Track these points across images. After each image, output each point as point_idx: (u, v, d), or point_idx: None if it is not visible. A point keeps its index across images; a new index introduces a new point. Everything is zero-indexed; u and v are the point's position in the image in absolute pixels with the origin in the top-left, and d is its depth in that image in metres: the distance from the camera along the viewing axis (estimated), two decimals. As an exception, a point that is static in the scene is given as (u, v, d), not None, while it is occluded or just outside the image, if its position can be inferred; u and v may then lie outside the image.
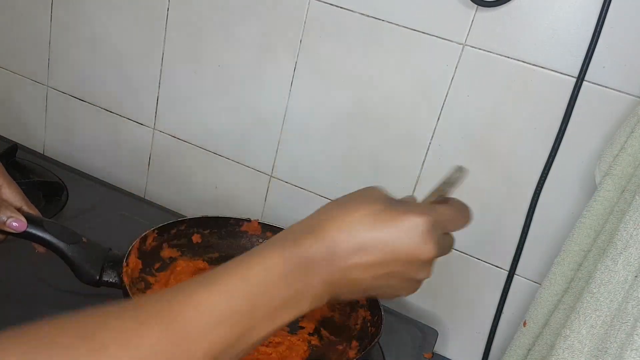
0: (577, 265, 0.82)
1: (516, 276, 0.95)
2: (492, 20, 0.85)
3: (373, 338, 0.83)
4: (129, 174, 1.22)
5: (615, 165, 0.77)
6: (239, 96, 1.06)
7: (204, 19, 1.04)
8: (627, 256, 0.70)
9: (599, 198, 0.78)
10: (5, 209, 0.66)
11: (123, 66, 1.15)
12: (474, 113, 0.91)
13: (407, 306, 1.04)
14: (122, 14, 1.11)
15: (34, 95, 1.26)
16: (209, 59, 1.06)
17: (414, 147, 0.96)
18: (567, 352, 0.74)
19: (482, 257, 0.97)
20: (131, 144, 1.20)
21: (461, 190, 0.95)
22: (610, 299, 0.71)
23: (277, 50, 1.00)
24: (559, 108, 0.85)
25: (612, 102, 0.82)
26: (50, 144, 1.29)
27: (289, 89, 1.02)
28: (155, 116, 1.15)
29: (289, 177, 1.08)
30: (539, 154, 0.88)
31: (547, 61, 0.84)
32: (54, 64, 1.21)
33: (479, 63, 0.88)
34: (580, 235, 0.81)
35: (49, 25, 1.18)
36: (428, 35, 0.90)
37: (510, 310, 0.97)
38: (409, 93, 0.94)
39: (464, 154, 0.93)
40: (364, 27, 0.93)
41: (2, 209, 0.66)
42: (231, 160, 1.11)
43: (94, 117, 1.21)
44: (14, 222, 0.66)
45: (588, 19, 0.80)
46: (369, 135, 0.98)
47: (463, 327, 1.02)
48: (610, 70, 0.81)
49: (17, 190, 0.72)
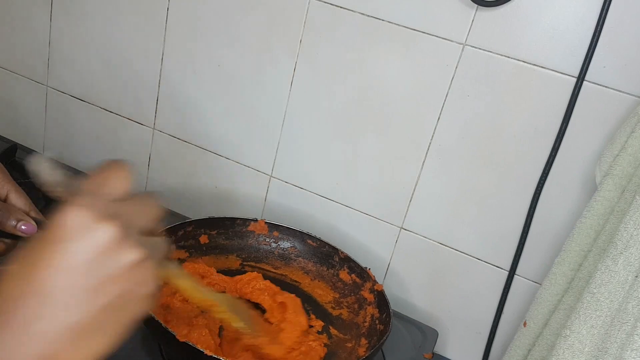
0: (577, 265, 0.82)
1: (516, 276, 0.95)
2: (492, 20, 0.85)
3: (382, 335, 0.84)
4: (129, 174, 1.22)
5: (615, 165, 0.77)
6: (239, 96, 1.06)
7: (203, 19, 1.04)
8: (627, 256, 0.70)
9: (600, 198, 0.78)
10: (15, 213, 0.67)
11: (123, 66, 1.14)
12: (474, 113, 0.91)
13: (408, 306, 1.04)
14: (122, 14, 1.11)
15: (34, 95, 1.26)
16: (208, 59, 1.06)
17: (414, 146, 0.96)
18: (567, 352, 0.74)
19: (482, 257, 0.97)
20: (131, 143, 1.20)
21: (463, 190, 0.95)
22: (611, 299, 0.71)
23: (277, 50, 1.00)
24: (559, 108, 0.85)
25: (612, 102, 0.82)
26: (49, 144, 1.29)
27: (288, 89, 1.02)
28: (155, 116, 1.15)
29: (289, 177, 1.08)
30: (539, 154, 0.88)
31: (547, 61, 0.84)
32: (54, 64, 1.21)
33: (479, 63, 0.88)
34: (581, 235, 0.81)
35: (48, 25, 1.18)
36: (428, 35, 0.90)
37: (510, 311, 0.97)
38: (409, 93, 0.93)
39: (464, 154, 0.93)
40: (364, 27, 0.93)
41: (11, 213, 0.66)
42: (231, 160, 1.11)
43: (93, 117, 1.21)
44: (23, 226, 0.66)
45: (588, 19, 0.80)
46: (368, 135, 0.98)
47: (463, 327, 1.02)
48: (611, 70, 0.81)
49: (24, 196, 0.72)
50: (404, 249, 1.02)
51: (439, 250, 1.00)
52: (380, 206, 1.02)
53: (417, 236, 1.01)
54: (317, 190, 1.06)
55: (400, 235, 1.02)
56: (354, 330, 0.90)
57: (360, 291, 0.94)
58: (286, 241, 1.01)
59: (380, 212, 1.02)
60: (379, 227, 1.03)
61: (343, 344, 0.88)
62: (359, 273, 0.95)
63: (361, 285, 0.94)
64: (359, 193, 1.03)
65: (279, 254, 1.01)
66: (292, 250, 1.01)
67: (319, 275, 0.99)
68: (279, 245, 1.01)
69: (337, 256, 0.98)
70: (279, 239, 1.01)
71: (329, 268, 0.99)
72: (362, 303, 0.93)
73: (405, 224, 1.01)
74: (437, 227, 0.99)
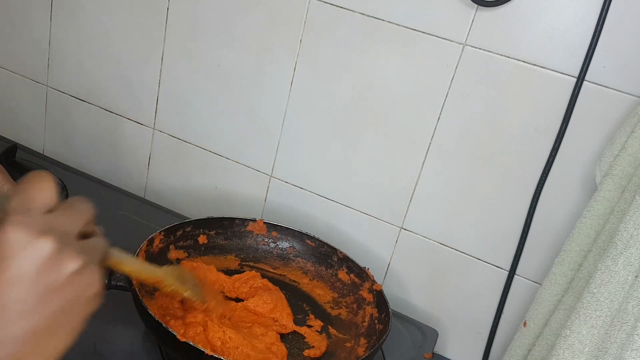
0: (577, 265, 0.82)
1: (516, 276, 0.95)
2: (492, 20, 0.85)
3: (381, 335, 0.84)
4: (129, 174, 1.22)
5: (615, 165, 0.77)
6: (239, 96, 1.06)
7: (203, 19, 1.04)
8: (627, 256, 0.70)
9: (600, 198, 0.78)
10: None
11: (123, 66, 1.14)
12: (474, 113, 0.91)
13: (408, 306, 1.04)
14: (122, 14, 1.11)
15: (34, 95, 1.26)
16: (208, 59, 1.06)
17: (414, 147, 0.96)
18: (567, 352, 0.74)
19: (482, 257, 0.97)
20: (131, 144, 1.20)
21: (463, 190, 0.95)
22: (611, 299, 0.71)
23: (277, 50, 1.00)
24: (559, 108, 0.85)
25: (612, 102, 0.82)
26: (50, 144, 1.29)
27: (288, 89, 1.02)
28: (155, 116, 1.15)
29: (289, 177, 1.08)
30: (539, 154, 0.88)
31: (547, 61, 0.84)
32: (54, 64, 1.21)
33: (479, 63, 0.88)
34: (581, 236, 0.81)
35: (48, 25, 1.18)
36: (428, 35, 0.90)
37: (510, 311, 0.97)
38: (409, 93, 0.93)
39: (464, 154, 0.93)
40: (364, 27, 0.93)
41: None
42: (231, 160, 1.11)
43: (93, 117, 1.21)
44: None
45: (588, 19, 0.80)
46: (369, 135, 0.98)
47: (463, 327, 1.02)
48: (611, 70, 0.81)
49: None
50: (404, 249, 1.02)
51: (439, 250, 1.00)
52: (381, 206, 1.02)
53: (417, 236, 1.01)
54: (317, 190, 1.06)
55: (400, 235, 1.02)
56: (353, 330, 0.90)
57: (359, 291, 0.94)
58: (285, 241, 1.01)
59: (380, 212, 1.02)
60: (379, 227, 1.03)
61: (342, 343, 0.88)
62: (358, 273, 0.95)
63: (360, 285, 0.94)
64: (359, 193, 1.03)
65: (277, 254, 1.01)
66: (291, 250, 1.01)
67: (317, 275, 0.99)
68: (278, 246, 1.01)
69: (335, 256, 0.98)
70: (278, 239, 1.01)
71: (327, 268, 0.99)
72: (361, 303, 0.93)
73: (405, 224, 1.01)
74: (437, 227, 0.99)
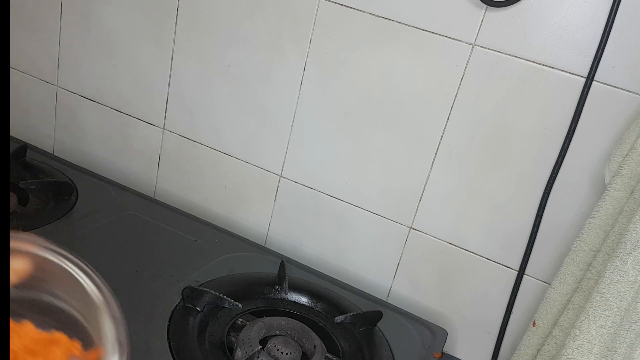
0: (586, 265, 0.82)
1: (525, 276, 0.95)
2: (501, 20, 0.86)
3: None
4: (139, 174, 1.23)
5: (624, 165, 0.77)
6: (248, 96, 1.07)
7: (213, 19, 1.04)
8: (636, 256, 0.70)
9: (609, 198, 0.78)
10: None
11: (132, 66, 1.15)
12: (483, 113, 0.91)
13: (417, 306, 1.05)
14: (132, 14, 1.11)
15: (44, 96, 1.26)
16: (218, 59, 1.07)
17: (423, 147, 0.96)
18: (576, 351, 0.75)
19: (491, 257, 0.97)
20: (141, 144, 1.20)
21: (473, 189, 0.95)
22: (620, 298, 0.71)
23: (287, 50, 1.01)
24: (568, 108, 0.85)
25: (621, 102, 0.82)
26: (60, 144, 1.29)
27: (298, 89, 1.02)
28: (165, 116, 1.16)
29: (299, 177, 1.08)
30: (548, 154, 0.88)
31: (556, 61, 0.84)
32: (64, 64, 1.22)
33: (489, 63, 0.88)
34: (590, 235, 0.81)
35: (58, 26, 1.19)
36: (437, 35, 0.90)
37: (519, 310, 0.97)
38: (419, 93, 0.94)
39: (473, 154, 0.93)
40: (374, 27, 0.93)
41: None
42: (240, 160, 1.12)
43: (103, 117, 1.22)
44: None
45: (598, 19, 0.80)
46: (378, 135, 0.99)
47: (472, 327, 1.02)
48: (620, 70, 0.81)
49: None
50: (413, 248, 1.03)
51: (449, 250, 1.00)
52: (390, 206, 1.02)
53: (427, 236, 1.01)
54: (327, 190, 1.06)
55: (410, 235, 1.02)
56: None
57: None
58: None
59: (390, 212, 1.03)
60: (389, 227, 1.03)
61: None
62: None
63: None
64: (369, 193, 1.03)
65: None
66: None
67: None
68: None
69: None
70: None
71: None
72: None
73: (414, 224, 1.01)
74: (446, 227, 0.99)
